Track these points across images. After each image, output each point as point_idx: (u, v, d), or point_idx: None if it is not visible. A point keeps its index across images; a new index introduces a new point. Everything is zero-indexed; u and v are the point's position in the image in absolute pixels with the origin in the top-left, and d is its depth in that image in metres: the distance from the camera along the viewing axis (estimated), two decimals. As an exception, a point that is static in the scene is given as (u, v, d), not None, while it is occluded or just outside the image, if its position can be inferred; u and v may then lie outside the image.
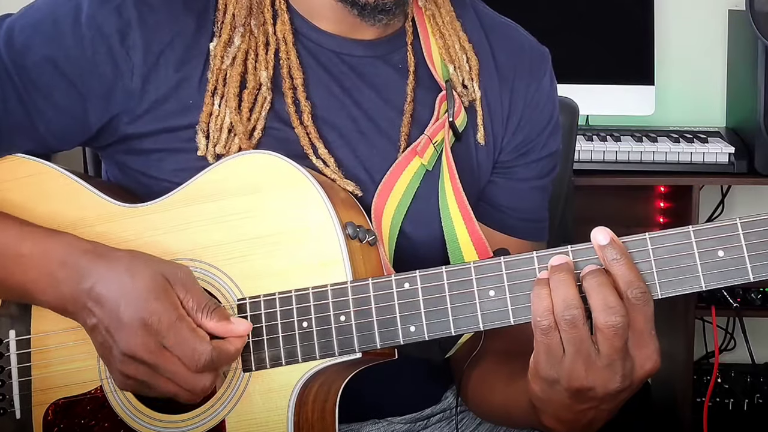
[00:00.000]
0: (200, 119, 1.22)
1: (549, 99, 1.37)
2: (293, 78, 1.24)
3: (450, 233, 1.26)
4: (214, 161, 1.21)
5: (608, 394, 1.04)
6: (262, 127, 1.23)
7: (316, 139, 1.23)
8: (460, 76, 1.31)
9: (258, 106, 1.23)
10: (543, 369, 1.04)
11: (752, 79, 2.52)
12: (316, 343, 1.11)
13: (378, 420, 1.38)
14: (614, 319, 0.99)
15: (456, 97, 1.29)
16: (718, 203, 2.84)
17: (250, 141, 1.22)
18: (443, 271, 1.08)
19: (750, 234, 1.00)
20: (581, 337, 1.01)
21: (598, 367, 1.02)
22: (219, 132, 1.22)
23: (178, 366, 1.07)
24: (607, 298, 1.00)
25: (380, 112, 1.28)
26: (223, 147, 1.22)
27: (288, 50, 1.25)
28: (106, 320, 1.09)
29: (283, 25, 1.26)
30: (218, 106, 1.22)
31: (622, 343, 1.01)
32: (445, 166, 1.27)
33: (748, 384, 2.80)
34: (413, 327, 1.09)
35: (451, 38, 1.31)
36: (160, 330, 1.06)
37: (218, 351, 1.08)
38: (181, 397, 1.10)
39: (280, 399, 1.12)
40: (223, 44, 1.23)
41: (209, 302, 1.10)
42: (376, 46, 1.29)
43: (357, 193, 1.23)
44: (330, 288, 1.11)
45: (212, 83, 1.22)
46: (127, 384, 1.11)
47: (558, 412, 1.08)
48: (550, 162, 1.38)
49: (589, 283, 1.01)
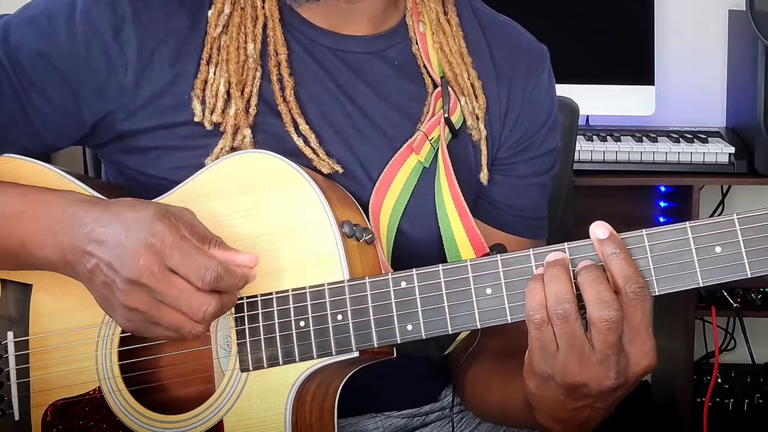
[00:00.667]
0: (195, 86, 1.22)
1: (547, 96, 1.37)
2: (278, 54, 1.25)
3: (446, 230, 1.26)
4: (212, 128, 1.21)
5: (602, 391, 1.03)
6: (255, 103, 1.23)
7: (298, 115, 1.23)
8: (470, 106, 1.31)
9: (249, 78, 1.23)
10: (537, 364, 1.04)
11: (752, 79, 2.52)
12: (314, 343, 1.11)
13: (375, 414, 1.38)
14: (608, 313, 0.99)
15: (451, 93, 1.29)
16: (718, 203, 2.84)
17: (248, 116, 1.22)
18: (440, 270, 1.08)
19: (747, 230, 1.00)
20: (574, 332, 1.01)
21: (592, 362, 1.01)
22: (215, 99, 1.22)
23: (183, 287, 1.04)
24: (602, 293, 1.00)
25: (376, 109, 1.28)
26: (220, 114, 1.22)
27: (274, 27, 1.25)
28: (107, 256, 1.06)
29: (271, 3, 1.26)
30: (213, 74, 1.22)
31: (616, 338, 1.00)
32: (441, 162, 1.26)
33: (749, 384, 2.80)
34: (410, 325, 1.09)
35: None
36: (163, 250, 1.04)
37: (225, 268, 1.05)
38: (187, 329, 1.07)
39: (277, 399, 1.12)
40: (218, 13, 1.24)
41: (215, 237, 1.09)
42: (370, 41, 1.29)
43: (336, 168, 1.23)
44: (327, 287, 1.11)
45: (207, 51, 1.23)
46: (131, 320, 1.08)
47: (553, 409, 1.08)
48: (549, 159, 1.38)
49: (583, 278, 1.01)
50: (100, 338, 1.18)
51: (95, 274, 1.08)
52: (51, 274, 1.15)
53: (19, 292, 1.22)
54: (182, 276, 1.04)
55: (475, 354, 1.27)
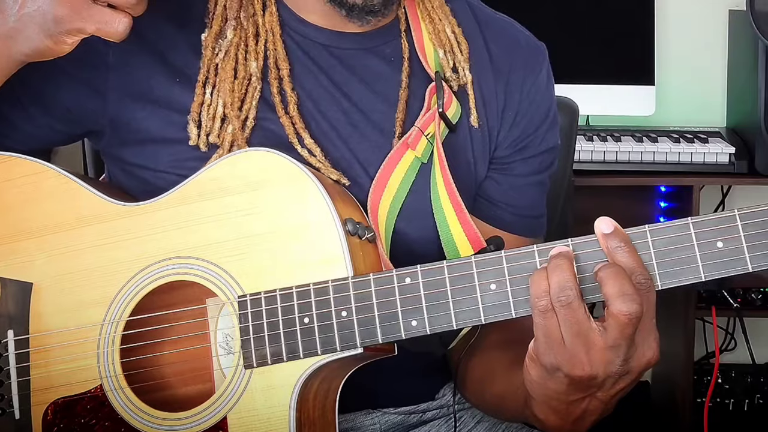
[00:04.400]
0: (191, 109, 1.23)
1: (546, 94, 1.37)
2: (279, 69, 1.25)
3: (443, 226, 1.26)
4: (207, 150, 1.22)
5: (609, 377, 1.03)
6: (254, 116, 1.24)
7: (302, 129, 1.24)
8: (450, 60, 1.31)
9: (249, 96, 1.24)
10: (542, 354, 1.04)
11: (753, 79, 2.52)
12: (318, 339, 1.11)
13: (372, 411, 1.38)
14: (632, 306, 0.99)
15: (446, 87, 1.29)
16: (718, 203, 2.84)
17: (244, 131, 1.22)
18: (444, 266, 1.08)
19: (748, 225, 1.01)
20: (577, 319, 1.01)
21: (600, 347, 1.01)
22: (212, 121, 1.23)
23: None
24: (624, 287, 1.00)
25: (371, 105, 1.28)
26: (217, 136, 1.23)
27: (275, 41, 1.26)
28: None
29: (271, 16, 1.27)
30: (210, 95, 1.24)
31: (633, 330, 1.00)
32: (436, 158, 1.26)
33: (749, 384, 2.81)
34: (415, 321, 1.09)
35: (441, 23, 1.31)
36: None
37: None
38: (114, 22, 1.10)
39: (282, 395, 1.12)
40: (214, 35, 1.25)
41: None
42: (365, 38, 1.30)
43: (343, 181, 1.23)
44: (331, 284, 1.11)
45: (203, 74, 1.24)
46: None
47: (551, 400, 1.08)
48: (548, 157, 1.38)
49: (605, 273, 1.01)
50: (102, 336, 1.18)
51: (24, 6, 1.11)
52: (52, 273, 1.15)
53: (19, 291, 1.22)
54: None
55: (476, 345, 1.27)
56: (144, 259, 1.17)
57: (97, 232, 1.19)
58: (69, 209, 1.21)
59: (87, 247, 1.19)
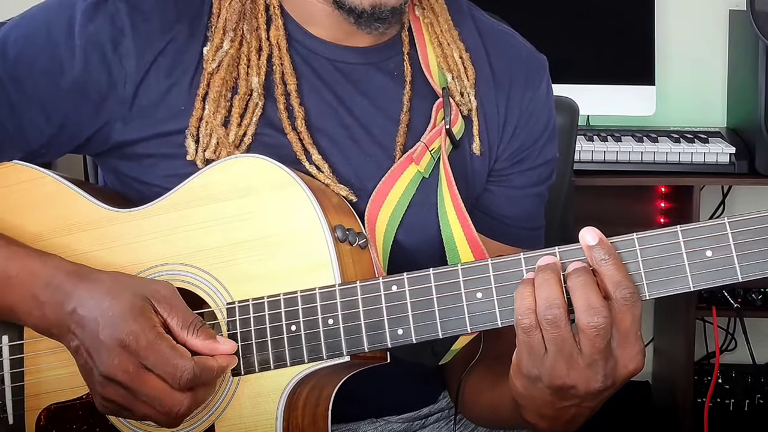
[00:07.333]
0: (190, 123, 1.22)
1: (545, 107, 1.36)
2: (286, 84, 1.24)
3: (449, 240, 1.26)
4: (204, 166, 1.20)
5: (590, 393, 1.03)
6: (252, 133, 1.22)
7: (310, 145, 1.23)
8: (458, 85, 1.30)
9: (249, 112, 1.23)
10: (525, 366, 1.04)
11: (753, 79, 2.51)
12: (305, 347, 1.11)
13: (375, 419, 1.38)
14: (596, 320, 0.99)
15: (453, 104, 1.28)
16: (718, 204, 2.83)
17: (239, 148, 1.21)
18: (431, 274, 1.08)
19: (738, 233, 0.99)
20: (563, 337, 1.00)
21: (580, 366, 1.01)
22: (209, 137, 1.21)
23: (158, 386, 1.07)
24: (591, 299, 0.99)
25: (373, 120, 1.27)
26: (213, 152, 1.21)
27: (282, 56, 1.24)
28: (86, 342, 1.09)
29: (277, 30, 1.25)
30: (209, 110, 1.22)
31: (605, 343, 1.00)
32: (443, 173, 1.26)
33: (749, 384, 2.80)
34: (401, 330, 1.08)
35: (450, 47, 1.30)
36: (138, 350, 1.06)
37: (200, 366, 1.07)
38: (161, 421, 1.09)
39: (268, 403, 1.12)
40: (215, 48, 1.22)
41: (195, 320, 1.10)
42: (369, 53, 1.29)
43: (351, 198, 1.23)
44: (318, 291, 1.11)
45: (203, 88, 1.22)
46: (107, 407, 1.11)
47: (540, 408, 1.08)
48: (546, 170, 1.38)
49: (573, 283, 1.01)
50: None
51: (78, 354, 1.11)
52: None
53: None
54: (158, 376, 1.06)
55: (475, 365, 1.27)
56: (135, 265, 1.17)
57: (91, 238, 1.19)
58: (64, 216, 1.21)
59: (81, 253, 1.19)
